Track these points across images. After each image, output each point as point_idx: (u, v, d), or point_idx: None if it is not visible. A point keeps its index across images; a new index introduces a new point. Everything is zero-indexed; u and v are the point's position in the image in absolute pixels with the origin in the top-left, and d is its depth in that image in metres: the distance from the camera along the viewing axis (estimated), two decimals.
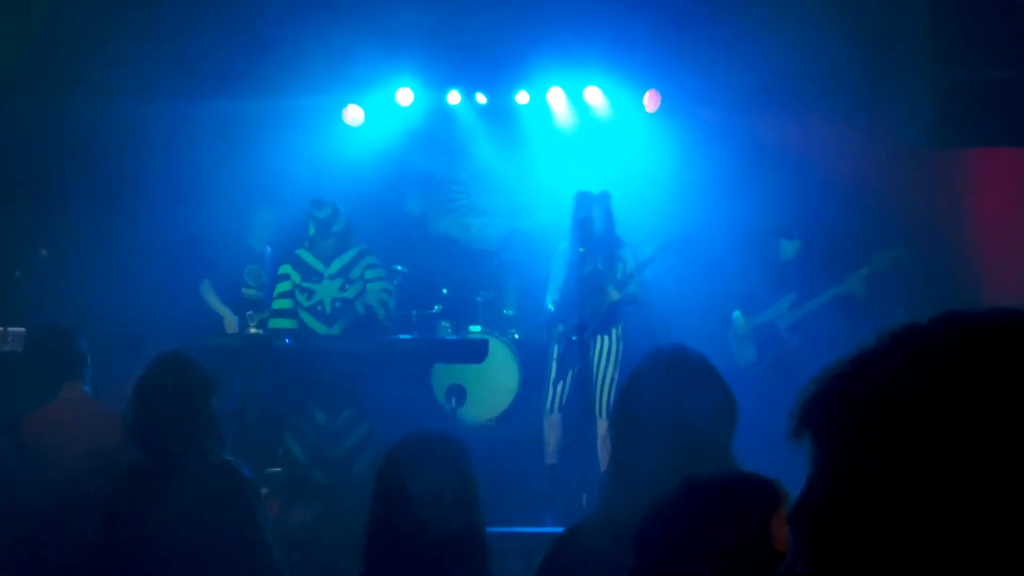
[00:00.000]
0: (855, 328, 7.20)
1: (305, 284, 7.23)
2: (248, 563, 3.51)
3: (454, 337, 7.83)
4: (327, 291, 7.21)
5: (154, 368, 3.67)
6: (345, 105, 8.77)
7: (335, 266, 7.23)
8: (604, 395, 7.02)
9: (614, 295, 7.00)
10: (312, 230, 7.21)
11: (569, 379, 7.02)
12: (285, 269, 7.30)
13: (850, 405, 0.71)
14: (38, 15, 7.60)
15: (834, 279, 7.30)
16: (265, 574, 3.58)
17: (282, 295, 7.29)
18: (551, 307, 7.27)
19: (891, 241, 7.28)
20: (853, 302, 7.20)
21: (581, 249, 6.80)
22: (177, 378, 3.61)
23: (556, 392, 7.13)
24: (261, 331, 7.50)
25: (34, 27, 7.55)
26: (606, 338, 7.08)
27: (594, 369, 7.03)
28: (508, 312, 8.53)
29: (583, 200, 7.04)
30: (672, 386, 2.61)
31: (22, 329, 7.31)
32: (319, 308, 7.21)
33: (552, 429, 7.16)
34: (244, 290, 7.95)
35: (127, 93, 7.89)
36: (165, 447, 3.54)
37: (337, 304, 7.20)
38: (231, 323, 7.84)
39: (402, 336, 7.25)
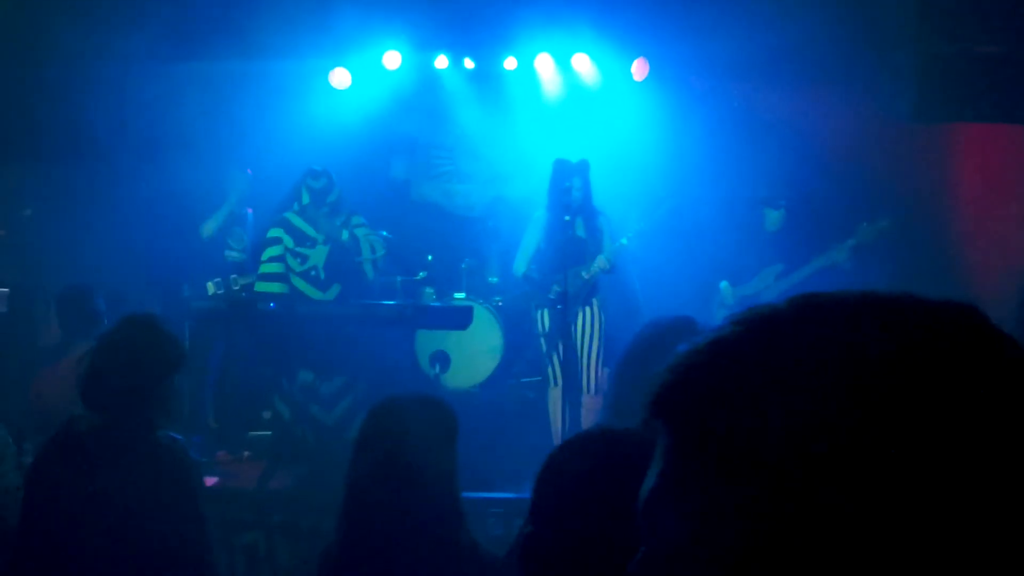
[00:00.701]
0: None
1: (298, 249, 7.21)
2: (178, 549, 3.25)
3: (439, 304, 7.84)
4: (320, 256, 7.19)
5: (125, 326, 3.45)
6: (332, 68, 8.72)
7: (324, 231, 7.22)
8: (589, 369, 6.90)
9: (604, 264, 6.89)
10: (306, 199, 7.19)
11: (561, 350, 6.89)
12: (276, 233, 7.27)
13: (702, 393, 0.70)
14: None
15: (820, 250, 7.31)
16: (196, 564, 3.31)
17: (272, 259, 7.25)
18: (518, 273, 7.21)
19: (878, 212, 7.29)
20: (840, 273, 7.22)
21: (567, 217, 6.79)
22: (147, 342, 3.38)
23: (554, 364, 6.97)
24: (245, 293, 7.50)
25: None
26: (588, 309, 6.97)
27: (577, 343, 6.91)
28: (492, 279, 8.54)
29: (563, 168, 6.96)
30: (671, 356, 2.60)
31: (6, 289, 7.31)
32: (312, 273, 7.20)
33: (557, 401, 6.94)
34: (227, 252, 7.93)
35: (111, 54, 7.82)
36: (112, 410, 3.31)
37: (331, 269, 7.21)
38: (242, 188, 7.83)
39: (387, 302, 7.25)
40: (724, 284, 7.62)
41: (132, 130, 8.20)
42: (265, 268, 7.27)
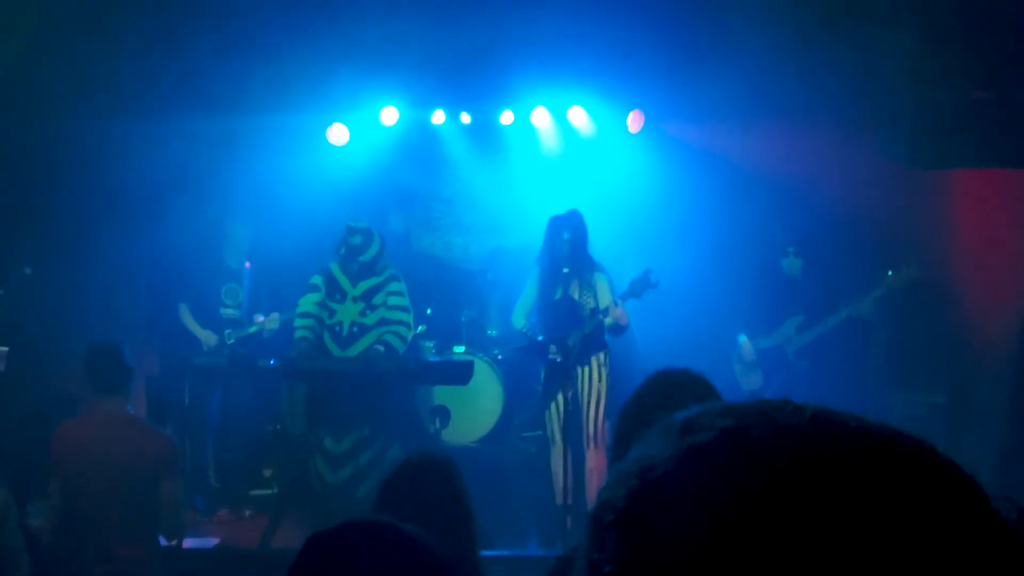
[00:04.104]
0: (866, 349, 7.10)
1: (329, 302, 7.21)
2: None
3: (439, 359, 7.80)
4: (347, 313, 7.17)
5: None
6: (330, 124, 8.77)
7: (360, 288, 7.21)
8: (590, 425, 6.77)
9: (609, 319, 6.71)
10: (343, 251, 7.22)
11: (561, 404, 6.75)
12: (316, 280, 7.30)
13: (644, 522, 0.70)
14: (17, 32, 7.58)
15: (843, 300, 7.13)
16: None
17: (312, 304, 7.25)
18: (517, 326, 7.14)
19: (904, 261, 7.09)
20: (862, 323, 7.07)
21: (566, 270, 6.76)
22: None
23: (550, 421, 6.86)
24: (241, 348, 7.48)
25: (13, 45, 7.53)
26: (586, 368, 6.83)
27: (580, 399, 6.78)
28: (492, 332, 8.50)
29: (552, 224, 6.90)
30: (674, 409, 2.56)
31: (4, 348, 7.28)
32: (337, 328, 7.17)
33: (559, 460, 6.76)
34: (222, 310, 7.92)
35: (111, 111, 7.87)
36: None
37: (355, 328, 7.16)
38: (210, 342, 7.81)
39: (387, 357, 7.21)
40: (743, 338, 7.42)
41: (132, 187, 8.23)
42: (304, 308, 7.25)
